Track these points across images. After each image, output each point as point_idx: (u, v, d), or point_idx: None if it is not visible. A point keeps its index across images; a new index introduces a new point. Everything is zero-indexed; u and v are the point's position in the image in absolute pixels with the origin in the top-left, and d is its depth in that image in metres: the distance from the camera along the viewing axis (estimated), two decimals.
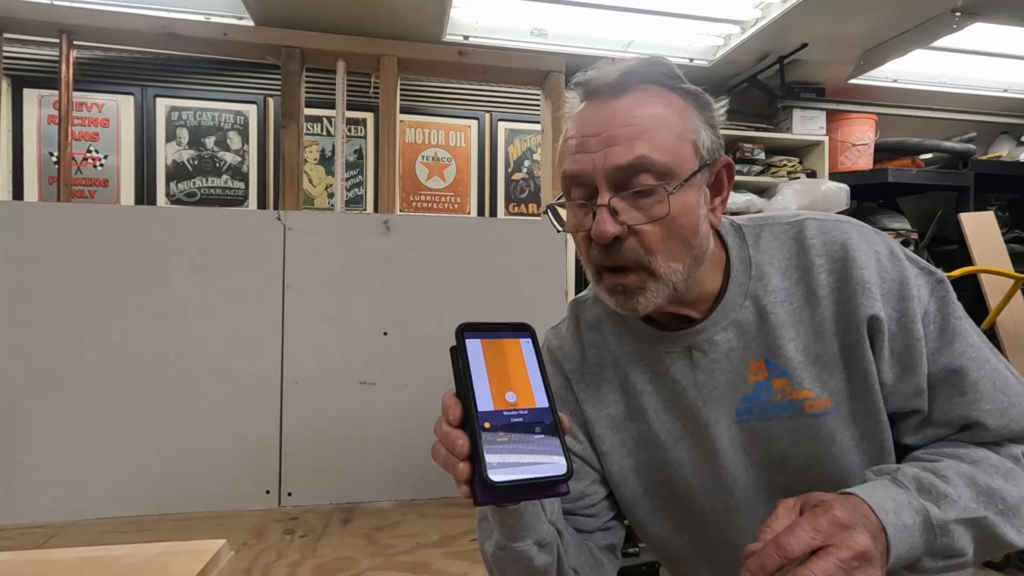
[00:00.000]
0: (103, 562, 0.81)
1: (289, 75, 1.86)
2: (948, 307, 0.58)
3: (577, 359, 0.70)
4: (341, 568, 0.86)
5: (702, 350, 0.62)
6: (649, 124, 0.55)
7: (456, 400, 0.48)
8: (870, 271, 0.57)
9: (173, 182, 2.30)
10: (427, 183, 2.54)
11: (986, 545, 0.52)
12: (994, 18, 2.09)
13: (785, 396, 0.59)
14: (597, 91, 0.58)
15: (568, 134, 0.59)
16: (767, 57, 2.49)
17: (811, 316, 0.60)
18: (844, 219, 0.62)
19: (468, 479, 0.45)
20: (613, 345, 0.69)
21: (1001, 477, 0.53)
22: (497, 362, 0.50)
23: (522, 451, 0.46)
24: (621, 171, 0.54)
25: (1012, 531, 0.51)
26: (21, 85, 2.17)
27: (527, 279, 1.21)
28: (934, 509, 0.49)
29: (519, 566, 0.58)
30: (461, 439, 0.46)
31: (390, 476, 1.15)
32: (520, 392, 0.49)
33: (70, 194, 1.80)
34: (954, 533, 0.49)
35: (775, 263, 0.62)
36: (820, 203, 2.55)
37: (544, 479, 0.45)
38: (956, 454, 0.55)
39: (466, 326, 0.50)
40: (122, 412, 1.07)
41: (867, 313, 0.57)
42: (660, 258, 0.56)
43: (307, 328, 1.14)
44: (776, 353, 0.60)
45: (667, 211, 0.54)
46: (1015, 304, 2.33)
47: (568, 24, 2.25)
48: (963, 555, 0.50)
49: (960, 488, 0.51)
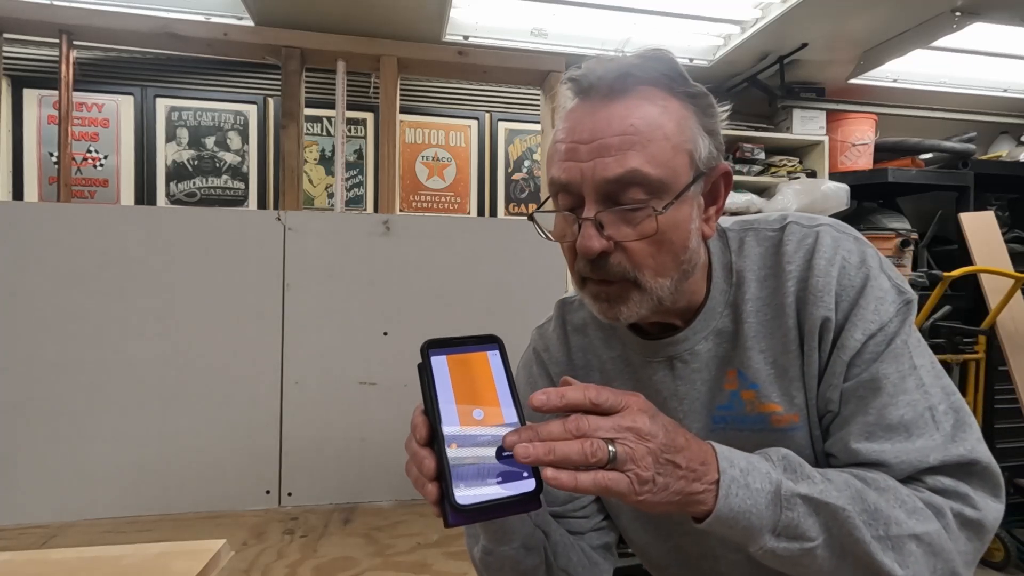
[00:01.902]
0: (103, 562, 0.81)
1: (289, 75, 1.86)
2: (904, 329, 0.55)
3: (563, 362, 0.70)
4: (341, 568, 0.86)
5: (683, 360, 0.61)
6: (644, 134, 0.51)
7: (424, 418, 0.46)
8: (829, 278, 0.55)
9: (173, 182, 2.30)
10: (427, 183, 2.54)
11: (843, 546, 0.48)
12: (994, 18, 2.09)
13: (754, 408, 0.58)
14: (591, 90, 0.54)
15: (557, 136, 0.56)
16: (767, 57, 2.49)
17: (779, 327, 0.58)
18: (825, 223, 0.59)
19: (436, 500, 0.44)
20: (599, 349, 0.68)
21: (901, 509, 0.49)
22: (464, 379, 0.49)
23: (490, 471, 0.45)
24: (611, 184, 0.51)
25: (880, 547, 0.47)
26: (21, 85, 2.17)
27: (527, 279, 1.21)
28: (787, 482, 0.47)
29: (507, 570, 0.58)
30: (428, 459, 0.45)
31: (390, 476, 1.15)
32: (487, 408, 0.48)
33: (70, 194, 1.80)
34: (799, 509, 0.47)
35: (755, 270, 0.60)
36: (820, 203, 2.55)
37: (513, 497, 0.44)
38: (864, 476, 0.51)
39: (430, 343, 0.49)
40: (122, 412, 1.07)
41: (821, 316, 0.55)
42: (647, 273, 0.54)
43: (307, 328, 1.14)
44: (746, 364, 0.59)
45: (656, 229, 0.52)
46: (1015, 304, 2.33)
47: (568, 24, 2.25)
48: (808, 540, 0.47)
49: (832, 483, 0.49)
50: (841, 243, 0.57)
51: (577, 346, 0.69)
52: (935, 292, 2.23)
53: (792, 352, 0.57)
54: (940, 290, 2.23)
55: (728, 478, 0.46)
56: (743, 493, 0.46)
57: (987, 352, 2.41)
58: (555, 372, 0.70)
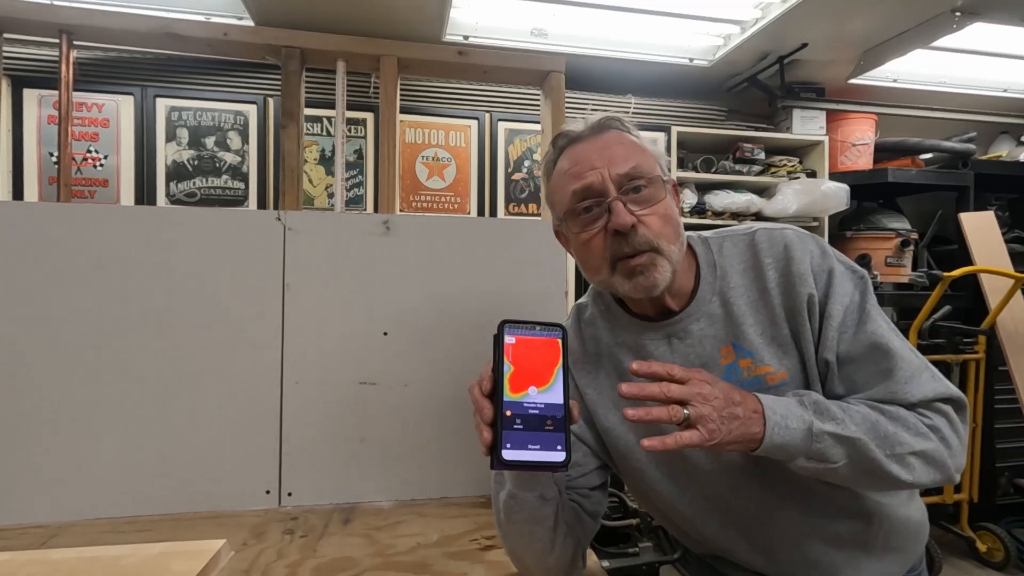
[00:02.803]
0: (103, 562, 0.81)
1: (289, 75, 1.86)
2: (867, 298, 0.72)
3: (578, 351, 0.85)
4: (341, 568, 0.86)
5: (679, 337, 0.76)
6: (630, 148, 0.72)
7: (491, 375, 0.60)
8: (805, 265, 0.72)
9: (173, 182, 2.30)
10: (427, 183, 2.54)
11: (862, 465, 0.64)
12: (994, 18, 2.09)
13: (750, 373, 0.73)
14: (580, 137, 0.74)
15: (563, 168, 0.74)
16: (767, 57, 2.49)
17: (765, 306, 0.74)
18: (787, 227, 0.77)
19: (489, 445, 0.57)
20: (606, 337, 0.83)
21: (907, 430, 0.65)
22: (527, 356, 0.60)
23: (532, 439, 0.57)
24: (623, 176, 0.70)
25: (889, 462, 0.64)
26: (21, 85, 2.17)
27: (527, 279, 1.21)
28: (817, 422, 0.63)
29: (524, 512, 0.70)
30: (487, 408, 0.59)
31: (390, 476, 1.15)
32: (541, 386, 0.60)
33: (70, 194, 1.80)
34: (826, 441, 0.62)
35: (735, 265, 0.77)
36: (820, 203, 2.55)
37: (545, 463, 0.57)
38: (877, 406, 0.67)
39: (507, 322, 0.61)
40: (122, 412, 1.07)
41: (806, 293, 0.71)
42: (664, 241, 0.70)
43: (307, 328, 1.14)
44: (741, 337, 0.74)
45: (664, 197, 0.72)
46: (1015, 304, 2.33)
47: (568, 24, 2.25)
48: (834, 463, 0.63)
49: (852, 417, 0.64)
50: (805, 240, 0.75)
51: (588, 336, 0.85)
52: (935, 292, 2.23)
53: (779, 324, 0.73)
54: (940, 290, 2.23)
55: (772, 423, 0.61)
56: (784, 432, 0.62)
57: (987, 352, 2.40)
58: (571, 360, 0.82)
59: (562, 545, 0.74)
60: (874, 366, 0.69)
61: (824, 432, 0.62)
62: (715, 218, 2.64)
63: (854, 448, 0.63)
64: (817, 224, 2.71)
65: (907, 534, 0.79)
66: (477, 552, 0.92)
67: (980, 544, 2.31)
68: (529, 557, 0.75)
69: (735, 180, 2.67)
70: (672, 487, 0.81)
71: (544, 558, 0.74)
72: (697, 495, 0.80)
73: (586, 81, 2.60)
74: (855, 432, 0.63)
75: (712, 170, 2.67)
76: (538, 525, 0.72)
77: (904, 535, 0.79)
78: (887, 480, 0.65)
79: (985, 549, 2.31)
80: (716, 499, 0.79)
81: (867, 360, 0.70)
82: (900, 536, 0.78)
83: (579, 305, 0.90)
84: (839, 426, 0.63)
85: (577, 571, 0.79)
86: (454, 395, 1.16)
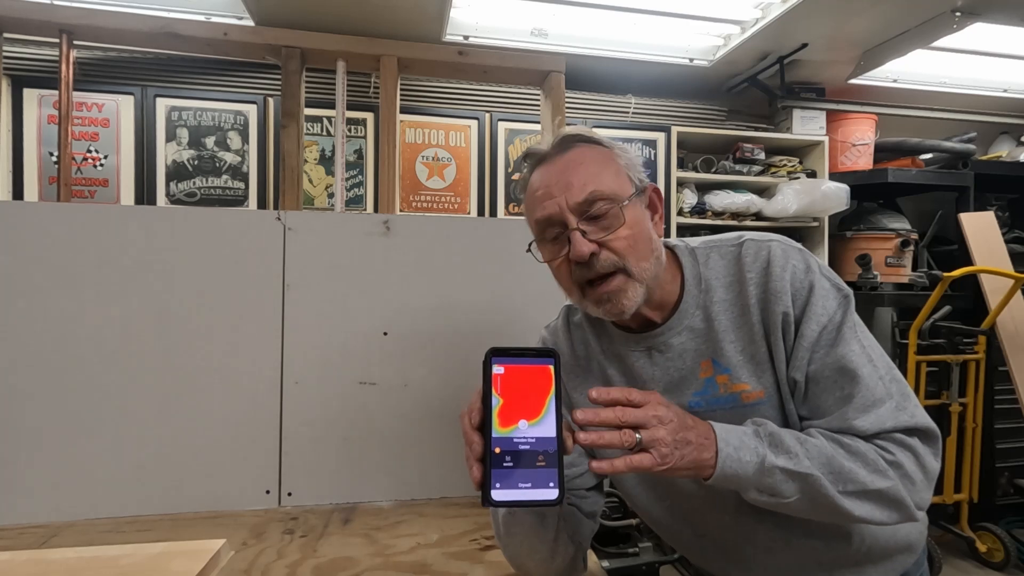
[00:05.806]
0: (103, 562, 0.81)
1: (289, 75, 1.86)
2: (847, 319, 0.69)
3: (568, 353, 0.84)
4: (341, 568, 0.86)
5: (660, 350, 0.76)
6: (591, 168, 0.70)
7: (480, 406, 0.58)
8: (784, 281, 0.70)
9: (173, 182, 2.30)
10: (427, 183, 2.54)
11: (816, 501, 0.62)
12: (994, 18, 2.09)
13: (727, 390, 0.72)
14: (547, 155, 0.74)
15: (532, 188, 0.74)
16: (767, 57, 2.49)
17: (745, 323, 0.72)
18: (774, 239, 0.74)
19: (479, 481, 0.55)
20: (592, 343, 0.83)
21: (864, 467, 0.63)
22: (516, 387, 0.57)
23: (523, 476, 0.55)
24: (581, 204, 0.69)
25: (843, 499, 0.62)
26: (21, 85, 2.17)
27: (527, 279, 1.21)
28: (770, 455, 0.61)
29: (523, 527, 0.71)
30: (476, 443, 0.57)
31: (390, 476, 1.15)
32: (532, 418, 0.56)
33: (70, 194, 1.80)
34: (777, 476, 0.61)
35: (720, 279, 0.75)
36: (820, 203, 2.55)
37: (536, 501, 0.55)
38: (837, 438, 0.65)
39: (494, 350, 0.58)
40: (122, 412, 1.07)
41: (781, 312, 0.69)
42: (631, 259, 0.69)
43: (307, 328, 1.14)
44: (719, 353, 0.73)
45: (623, 220, 0.69)
46: (1015, 304, 2.33)
47: (568, 24, 2.25)
48: (786, 497, 0.62)
49: (809, 451, 0.63)
50: (789, 254, 0.72)
51: (578, 339, 0.85)
52: (935, 292, 2.23)
53: (758, 342, 0.71)
54: (940, 290, 2.23)
55: (724, 454, 0.61)
56: (735, 464, 0.61)
57: (987, 352, 2.40)
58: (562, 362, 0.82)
59: (563, 552, 0.74)
60: (838, 391, 0.67)
61: (776, 467, 0.61)
62: (715, 218, 2.64)
63: (807, 483, 0.62)
64: (817, 224, 2.71)
65: (893, 549, 0.77)
66: (477, 552, 0.92)
67: (980, 544, 2.31)
68: (530, 564, 0.76)
69: (735, 180, 2.67)
70: (650, 494, 0.82)
71: (545, 565, 0.75)
72: (675, 505, 0.80)
73: (586, 81, 2.60)
74: (808, 468, 0.61)
75: (712, 170, 2.67)
76: (538, 539, 0.72)
77: (891, 549, 0.77)
78: (841, 515, 0.63)
79: (985, 549, 2.31)
80: (692, 511, 0.79)
81: (831, 383, 0.68)
82: (886, 551, 0.76)
83: (569, 307, 0.88)
84: (792, 461, 0.62)
85: (578, 572, 0.79)
86: (454, 395, 1.16)
